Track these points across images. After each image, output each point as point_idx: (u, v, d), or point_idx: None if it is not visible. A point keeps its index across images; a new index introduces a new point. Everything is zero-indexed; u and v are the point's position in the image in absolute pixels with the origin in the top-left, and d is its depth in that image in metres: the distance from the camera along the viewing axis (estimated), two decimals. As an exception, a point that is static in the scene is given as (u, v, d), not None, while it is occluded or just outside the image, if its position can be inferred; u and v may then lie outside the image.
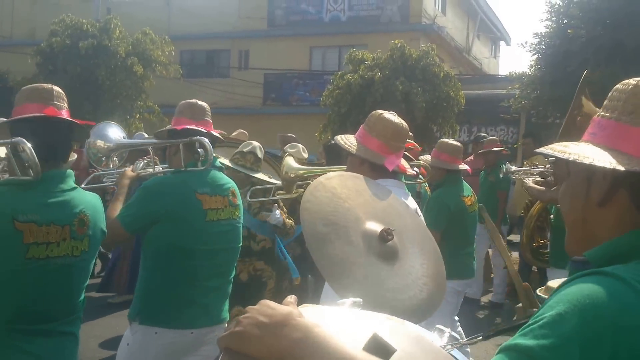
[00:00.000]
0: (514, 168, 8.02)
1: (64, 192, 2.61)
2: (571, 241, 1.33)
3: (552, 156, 1.27)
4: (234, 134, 7.88)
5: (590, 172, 1.23)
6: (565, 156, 1.22)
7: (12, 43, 28.29)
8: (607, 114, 1.25)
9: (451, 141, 5.70)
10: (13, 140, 2.43)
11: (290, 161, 4.19)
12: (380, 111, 3.01)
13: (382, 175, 2.86)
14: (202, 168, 3.39)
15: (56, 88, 2.72)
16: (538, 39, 12.25)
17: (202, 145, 3.34)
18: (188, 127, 3.40)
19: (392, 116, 3.00)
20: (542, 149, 1.30)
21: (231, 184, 3.60)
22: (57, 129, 2.67)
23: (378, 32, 23.39)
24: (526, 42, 12.41)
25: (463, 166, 5.69)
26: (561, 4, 11.97)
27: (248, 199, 4.82)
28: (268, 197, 5.07)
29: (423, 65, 14.57)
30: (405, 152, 3.76)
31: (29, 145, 2.41)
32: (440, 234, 5.22)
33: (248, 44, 26.34)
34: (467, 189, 5.76)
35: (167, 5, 27.38)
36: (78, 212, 2.63)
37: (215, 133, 3.56)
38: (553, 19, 12.04)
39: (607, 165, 1.15)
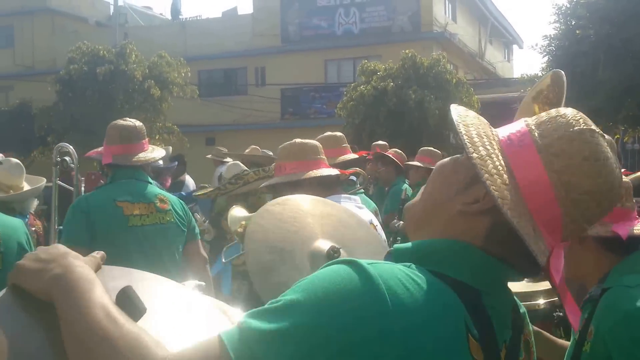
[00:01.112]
0: None
1: None
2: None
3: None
4: (246, 150, 8.05)
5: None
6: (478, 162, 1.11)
7: (34, 72, 28.88)
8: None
9: (431, 148, 6.57)
10: None
11: (234, 213, 3.07)
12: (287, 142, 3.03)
13: (331, 192, 2.86)
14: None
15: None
16: (547, 41, 12.31)
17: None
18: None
19: (297, 140, 3.05)
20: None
21: (159, 192, 3.84)
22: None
23: (390, 42, 23.49)
24: (537, 45, 12.49)
25: None
26: (568, 5, 12.03)
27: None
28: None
29: (435, 73, 14.67)
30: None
31: None
32: (395, 215, 5.59)
33: (264, 61, 26.61)
34: None
35: (183, 28, 27.80)
36: None
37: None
38: (561, 20, 12.11)
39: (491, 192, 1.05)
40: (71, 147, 4.75)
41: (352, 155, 3.99)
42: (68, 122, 15.76)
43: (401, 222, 5.82)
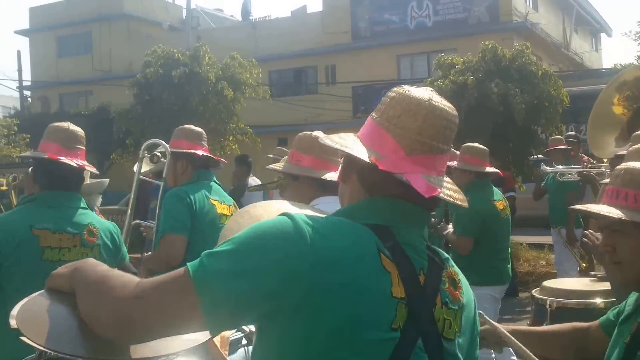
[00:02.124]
0: (548, 169, 7.66)
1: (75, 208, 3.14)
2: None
3: (328, 145, 1.54)
4: (273, 152, 7.99)
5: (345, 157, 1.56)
6: (337, 146, 1.51)
7: (111, 76, 29.64)
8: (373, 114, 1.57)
9: (477, 144, 5.49)
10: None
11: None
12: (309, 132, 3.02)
13: (323, 193, 2.86)
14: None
15: (80, 133, 3.19)
16: None
17: None
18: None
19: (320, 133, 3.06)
20: (324, 139, 1.57)
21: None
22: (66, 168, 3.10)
23: (467, 35, 22.86)
24: (630, 31, 11.84)
25: (491, 169, 5.47)
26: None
27: None
28: None
29: (518, 65, 14.01)
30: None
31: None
32: (472, 240, 5.18)
33: (334, 59, 26.45)
34: (497, 193, 5.57)
35: (253, 29, 27.94)
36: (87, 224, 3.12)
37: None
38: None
39: (338, 147, 1.51)
40: (163, 142, 4.68)
41: None
42: (146, 124, 15.97)
43: (450, 227, 5.44)
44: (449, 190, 1.50)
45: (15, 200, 7.47)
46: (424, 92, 1.51)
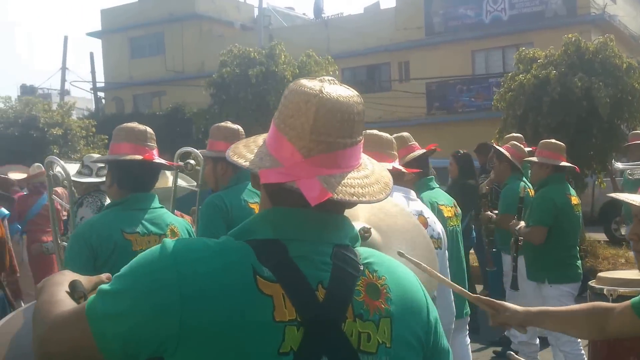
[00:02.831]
0: (620, 165, 7.16)
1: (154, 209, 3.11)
2: None
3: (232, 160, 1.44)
4: None
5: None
6: (232, 157, 1.41)
7: (184, 77, 30.03)
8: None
9: (554, 140, 5.65)
10: None
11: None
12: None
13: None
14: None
15: (149, 130, 3.09)
16: None
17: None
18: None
19: (376, 131, 3.24)
20: (227, 152, 1.46)
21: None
22: (145, 166, 3.06)
23: (544, 28, 22.14)
24: None
25: (567, 164, 5.54)
26: None
27: None
28: None
29: (602, 58, 13.41)
30: None
31: None
32: (546, 229, 5.27)
33: (407, 55, 26.05)
34: (572, 189, 5.77)
35: (325, 26, 27.78)
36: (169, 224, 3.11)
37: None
38: None
39: (237, 162, 1.40)
40: (195, 149, 4.68)
41: (419, 152, 4.06)
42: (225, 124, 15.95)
43: (521, 223, 5.48)
44: (355, 188, 1.35)
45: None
46: (314, 85, 1.37)
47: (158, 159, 3.10)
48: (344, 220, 1.43)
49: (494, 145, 6.67)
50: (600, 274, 3.94)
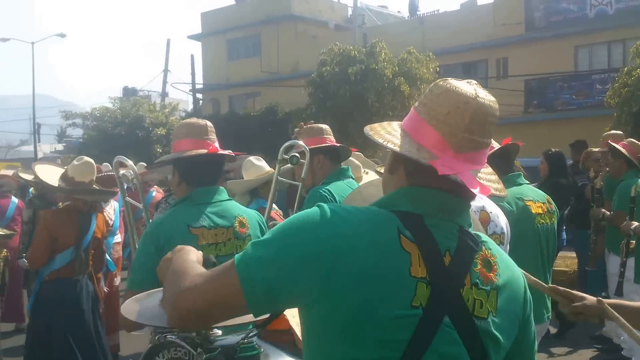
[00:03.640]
0: None
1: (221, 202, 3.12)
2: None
3: (377, 141, 1.56)
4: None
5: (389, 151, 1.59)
6: (389, 145, 1.53)
7: (278, 77, 30.39)
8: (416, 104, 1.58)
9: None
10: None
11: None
12: None
13: None
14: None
15: (209, 124, 3.11)
16: None
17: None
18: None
19: None
20: (369, 133, 1.60)
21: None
22: (209, 160, 3.08)
23: (655, 21, 21.11)
24: None
25: None
26: None
27: None
28: None
29: None
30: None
31: None
32: (625, 214, 5.43)
33: (506, 52, 25.41)
34: None
35: (421, 24, 27.48)
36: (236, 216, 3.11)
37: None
38: None
39: (390, 147, 1.53)
40: (301, 142, 4.56)
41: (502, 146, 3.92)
42: (320, 123, 16.03)
43: (635, 223, 5.25)
44: (494, 183, 1.58)
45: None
46: (469, 88, 1.52)
47: (221, 151, 3.10)
48: (467, 207, 1.60)
49: (610, 142, 6.37)
50: None
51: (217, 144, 3.09)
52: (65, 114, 19.65)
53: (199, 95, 35.68)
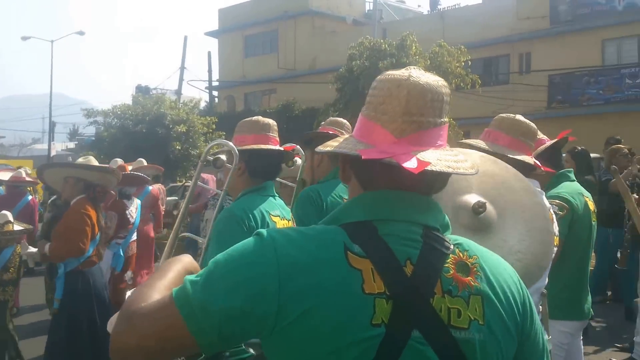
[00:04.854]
0: None
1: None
2: None
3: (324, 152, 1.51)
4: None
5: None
6: (321, 148, 1.50)
7: (295, 74, 30.05)
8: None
9: None
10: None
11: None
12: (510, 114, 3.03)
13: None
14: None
15: (272, 122, 3.26)
16: None
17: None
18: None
19: (521, 117, 3.01)
20: (319, 148, 1.53)
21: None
22: (277, 156, 3.26)
23: (686, 13, 20.64)
24: None
25: None
26: None
27: None
28: None
29: None
30: None
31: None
32: None
33: (529, 46, 24.93)
34: None
35: (441, 18, 27.02)
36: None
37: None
38: None
39: (320, 149, 1.52)
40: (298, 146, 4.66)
41: (550, 143, 3.88)
42: (349, 119, 15.61)
43: None
44: (450, 161, 1.40)
45: None
46: (403, 72, 1.46)
47: (285, 148, 3.30)
48: (434, 204, 1.48)
49: None
50: None
51: (276, 142, 3.26)
52: (87, 112, 19.32)
53: (215, 93, 35.37)
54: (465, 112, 23.12)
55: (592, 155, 8.02)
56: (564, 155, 7.69)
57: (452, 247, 1.43)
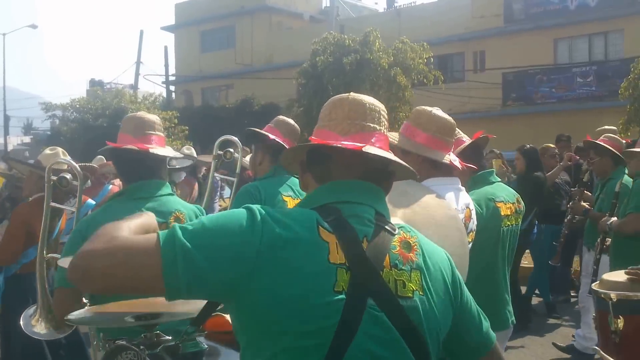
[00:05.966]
0: None
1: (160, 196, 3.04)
2: None
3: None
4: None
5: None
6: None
7: (252, 70, 29.91)
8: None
9: None
10: None
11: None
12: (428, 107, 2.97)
13: (435, 173, 2.87)
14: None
15: (152, 118, 3.07)
16: None
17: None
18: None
19: (438, 111, 2.94)
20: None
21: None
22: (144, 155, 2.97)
23: (635, 14, 21.27)
24: None
25: None
26: None
27: None
28: None
29: None
30: None
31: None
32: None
33: (483, 44, 25.36)
34: None
35: (397, 16, 27.26)
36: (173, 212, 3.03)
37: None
38: None
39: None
40: (236, 138, 4.88)
41: (471, 142, 3.73)
42: (313, 114, 15.66)
43: (613, 218, 5.01)
44: (383, 152, 1.69)
45: None
46: (344, 94, 1.80)
47: (157, 149, 2.97)
48: (382, 194, 1.74)
49: (591, 140, 6.21)
50: (604, 276, 3.74)
51: (157, 140, 3.04)
52: (45, 106, 18.91)
53: (171, 88, 34.97)
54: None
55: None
56: (514, 152, 7.91)
57: (397, 229, 1.68)
